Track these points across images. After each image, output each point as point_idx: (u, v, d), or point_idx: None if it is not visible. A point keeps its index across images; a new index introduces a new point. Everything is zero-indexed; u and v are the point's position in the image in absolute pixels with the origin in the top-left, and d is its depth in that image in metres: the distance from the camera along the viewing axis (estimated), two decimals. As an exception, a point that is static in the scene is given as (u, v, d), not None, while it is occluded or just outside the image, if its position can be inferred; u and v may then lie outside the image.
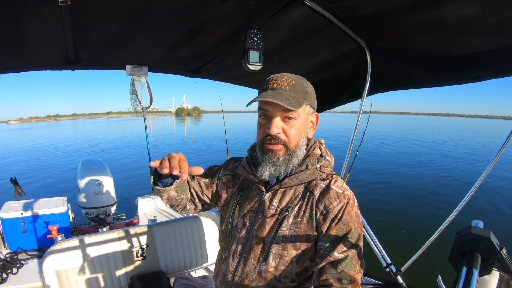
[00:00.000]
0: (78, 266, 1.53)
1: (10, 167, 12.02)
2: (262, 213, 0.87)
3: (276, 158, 0.83)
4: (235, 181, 1.00)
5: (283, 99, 0.78)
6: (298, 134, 0.84)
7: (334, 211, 0.80)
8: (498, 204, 6.78)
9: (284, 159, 0.83)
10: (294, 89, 0.82)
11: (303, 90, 0.84)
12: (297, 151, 0.84)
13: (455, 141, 23.44)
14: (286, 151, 0.83)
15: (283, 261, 0.82)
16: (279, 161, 0.83)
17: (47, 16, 1.01)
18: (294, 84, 0.82)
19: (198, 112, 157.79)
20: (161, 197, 0.96)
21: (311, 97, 0.86)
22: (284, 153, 0.83)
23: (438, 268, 3.52)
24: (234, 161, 1.05)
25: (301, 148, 0.86)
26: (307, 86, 0.86)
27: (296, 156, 0.84)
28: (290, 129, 0.82)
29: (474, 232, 0.62)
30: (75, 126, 62.93)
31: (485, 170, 1.23)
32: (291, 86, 0.82)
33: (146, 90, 4.26)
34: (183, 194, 0.98)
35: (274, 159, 0.83)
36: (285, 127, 0.82)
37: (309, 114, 0.87)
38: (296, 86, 0.83)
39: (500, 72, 1.13)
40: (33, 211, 2.89)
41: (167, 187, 0.90)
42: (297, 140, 0.84)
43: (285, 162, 0.83)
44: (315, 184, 0.85)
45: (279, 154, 0.83)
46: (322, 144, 0.95)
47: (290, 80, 0.83)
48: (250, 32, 1.12)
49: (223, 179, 1.03)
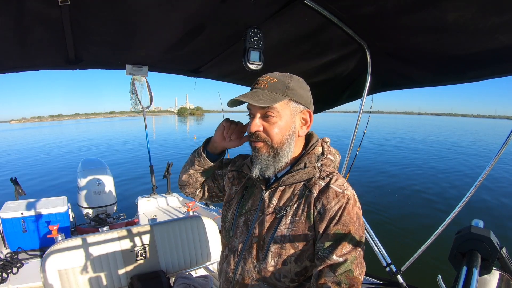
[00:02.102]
0: (79, 265, 1.53)
1: (10, 167, 12.04)
2: (262, 212, 0.86)
3: (259, 155, 0.84)
4: (241, 179, 1.00)
5: (253, 97, 0.79)
6: (280, 131, 0.82)
7: (331, 211, 0.78)
8: (498, 204, 6.78)
9: (269, 156, 0.83)
10: (273, 86, 0.82)
11: (283, 86, 0.82)
12: (283, 149, 0.83)
13: (455, 141, 23.45)
14: (269, 149, 0.83)
15: (281, 260, 0.81)
16: (263, 158, 0.83)
17: (47, 16, 1.01)
18: (274, 82, 0.82)
19: (200, 112, 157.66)
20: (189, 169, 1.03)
21: (295, 93, 0.83)
22: (267, 150, 0.83)
23: (438, 267, 3.53)
24: (242, 158, 1.06)
25: (288, 145, 0.84)
26: (290, 83, 0.83)
27: (284, 154, 0.84)
28: (271, 126, 0.82)
29: (474, 232, 0.63)
30: (77, 125, 63.00)
31: (485, 169, 1.23)
32: (270, 84, 0.82)
33: (146, 89, 4.26)
34: (203, 177, 1.06)
35: (258, 156, 0.84)
36: (265, 125, 0.82)
37: (296, 110, 0.84)
38: (275, 83, 0.82)
39: (499, 72, 1.13)
40: (33, 211, 2.90)
41: (209, 161, 0.99)
42: (279, 138, 0.83)
43: (271, 159, 0.83)
44: (314, 182, 0.83)
45: (262, 151, 0.83)
46: (326, 142, 0.93)
47: (271, 79, 0.83)
48: (250, 31, 1.12)
49: (229, 175, 1.03)
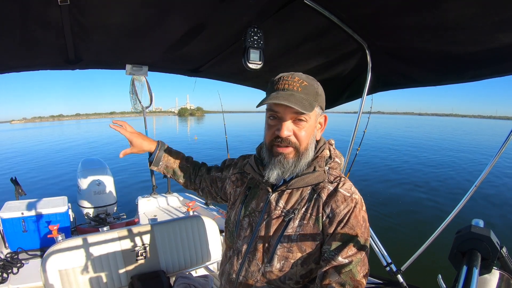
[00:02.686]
0: (79, 265, 1.53)
1: (10, 167, 12.03)
2: (268, 214, 0.86)
3: (286, 161, 0.81)
4: (243, 179, 1.00)
5: (297, 102, 0.76)
6: (308, 136, 0.82)
7: (340, 215, 0.78)
8: (498, 203, 6.78)
9: (293, 162, 0.82)
10: (306, 90, 0.80)
11: (314, 91, 0.81)
12: (306, 153, 0.83)
13: (455, 141, 23.43)
14: (295, 154, 0.82)
15: (288, 263, 0.81)
16: (289, 164, 0.81)
17: (47, 16, 1.01)
18: (305, 85, 0.80)
19: (201, 112, 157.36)
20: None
21: (321, 99, 0.84)
22: (294, 156, 0.82)
23: (438, 267, 3.52)
24: (242, 159, 1.06)
25: (310, 150, 0.84)
26: (318, 88, 0.83)
27: (305, 159, 0.83)
28: (301, 131, 0.80)
29: (474, 231, 0.62)
30: (78, 126, 62.96)
31: (485, 169, 1.23)
32: (303, 87, 0.79)
33: (146, 89, 4.24)
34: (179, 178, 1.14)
35: (284, 162, 0.81)
36: (295, 130, 0.80)
37: (318, 115, 0.85)
38: (307, 87, 0.80)
39: (500, 71, 1.13)
40: (34, 211, 2.89)
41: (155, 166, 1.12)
42: (306, 142, 0.82)
43: (293, 165, 0.82)
44: (323, 186, 0.83)
45: (289, 157, 0.81)
46: (332, 145, 0.93)
47: (301, 81, 0.80)
48: (250, 31, 1.12)
49: (232, 178, 1.03)
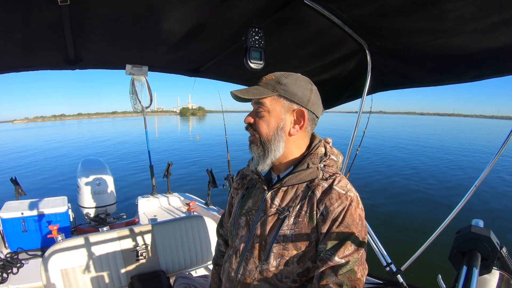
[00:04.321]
0: (79, 265, 1.53)
1: (10, 166, 12.03)
2: (264, 212, 0.86)
3: (251, 148, 0.87)
4: (244, 182, 1.01)
5: (243, 91, 0.83)
6: (267, 126, 0.83)
7: (334, 213, 0.78)
8: (498, 203, 6.78)
9: (258, 149, 0.85)
10: (267, 83, 0.84)
11: (275, 82, 0.83)
12: (270, 144, 0.83)
13: (456, 140, 23.45)
14: (258, 142, 0.85)
15: (284, 261, 0.81)
16: (254, 150, 0.86)
17: (47, 16, 1.01)
18: (270, 79, 0.84)
19: (203, 112, 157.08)
20: None
21: (286, 90, 0.82)
22: (257, 143, 0.85)
23: (438, 267, 3.53)
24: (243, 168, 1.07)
25: (276, 142, 0.83)
26: (284, 79, 0.83)
27: (271, 151, 0.84)
28: (259, 120, 0.85)
29: (474, 231, 0.63)
30: (80, 125, 62.98)
31: (485, 169, 1.23)
32: (267, 80, 0.85)
33: (146, 89, 4.25)
34: None
35: (252, 149, 0.87)
36: (256, 119, 0.85)
37: (287, 108, 0.83)
38: (271, 80, 0.84)
39: (499, 72, 1.13)
40: (33, 211, 2.90)
41: None
42: (266, 133, 0.83)
43: (260, 153, 0.85)
44: (317, 183, 0.82)
45: (252, 144, 0.87)
46: (328, 143, 0.93)
47: (270, 76, 0.85)
48: (251, 31, 1.12)
49: (235, 185, 1.05)
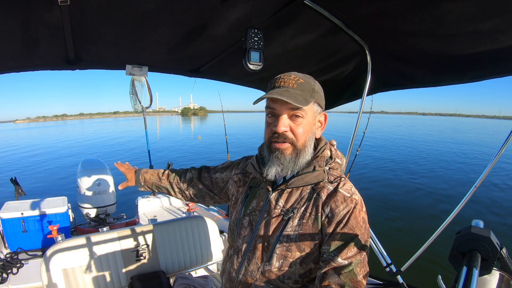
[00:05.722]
0: (79, 266, 1.53)
1: (10, 167, 12.02)
2: (268, 213, 0.86)
3: (283, 157, 0.82)
4: (245, 179, 1.01)
5: (290, 96, 0.78)
6: (305, 132, 0.82)
7: (339, 215, 0.78)
8: (498, 204, 6.78)
9: (291, 158, 0.82)
10: (301, 87, 0.82)
11: (310, 88, 0.83)
12: (305, 150, 0.83)
13: (456, 140, 23.45)
14: (293, 150, 0.82)
15: (286, 262, 0.81)
16: (286, 160, 0.82)
17: (47, 16, 1.01)
18: (301, 82, 0.82)
19: (204, 112, 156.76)
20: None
21: (318, 96, 0.85)
22: (291, 152, 0.82)
23: (438, 267, 3.53)
24: (245, 160, 1.07)
25: (308, 147, 0.84)
26: (314, 85, 0.85)
27: (303, 156, 0.83)
28: (297, 127, 0.81)
29: (474, 232, 0.62)
30: (82, 125, 62.97)
31: (485, 169, 1.23)
32: (298, 84, 0.81)
33: (146, 90, 4.25)
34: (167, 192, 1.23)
35: (281, 159, 0.82)
36: (292, 125, 0.82)
37: (316, 113, 0.86)
38: (303, 84, 0.82)
39: (499, 72, 1.13)
40: (33, 211, 2.89)
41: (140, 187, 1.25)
42: (304, 139, 0.82)
43: (292, 161, 0.82)
44: (322, 186, 0.83)
45: (286, 153, 0.82)
46: (333, 145, 0.94)
47: (297, 79, 0.83)
48: (251, 31, 1.12)
49: (235, 178, 1.04)
